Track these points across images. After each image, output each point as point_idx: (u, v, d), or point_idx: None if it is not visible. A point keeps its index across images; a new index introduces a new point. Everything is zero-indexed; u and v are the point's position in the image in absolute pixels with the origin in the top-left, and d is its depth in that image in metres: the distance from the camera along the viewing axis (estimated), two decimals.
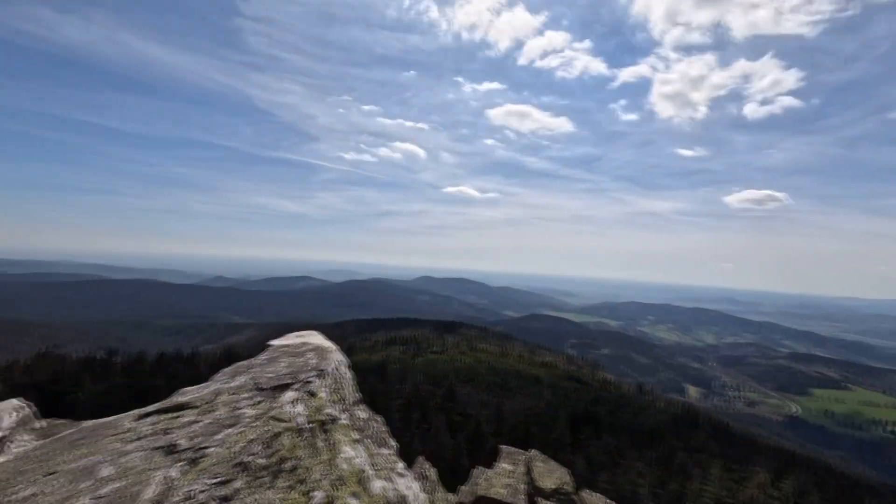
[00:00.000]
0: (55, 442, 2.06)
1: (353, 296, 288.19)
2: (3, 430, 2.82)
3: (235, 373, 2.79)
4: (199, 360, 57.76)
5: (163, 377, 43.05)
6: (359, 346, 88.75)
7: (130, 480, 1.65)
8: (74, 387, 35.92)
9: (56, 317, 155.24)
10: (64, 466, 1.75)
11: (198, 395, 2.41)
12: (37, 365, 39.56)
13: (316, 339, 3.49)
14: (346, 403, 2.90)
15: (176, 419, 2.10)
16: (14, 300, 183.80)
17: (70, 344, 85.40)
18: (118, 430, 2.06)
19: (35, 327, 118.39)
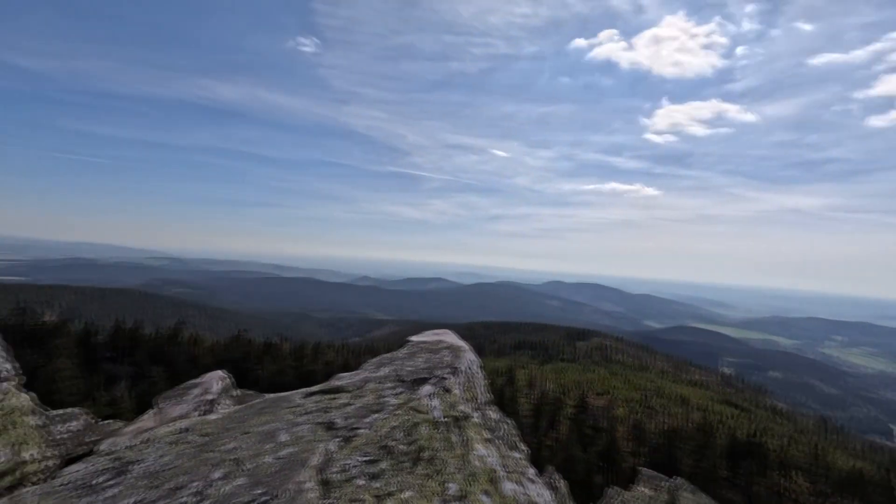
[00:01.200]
0: (248, 408, 2.53)
1: (482, 298, 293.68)
2: (213, 393, 3.52)
3: (380, 364, 3.08)
4: (348, 351, 65.05)
5: (320, 363, 49.53)
6: (487, 348, 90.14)
7: (300, 448, 1.93)
8: (257, 365, 43.57)
9: (244, 306, 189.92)
10: (254, 429, 2.12)
11: (350, 381, 2.72)
12: (232, 345, 48.81)
13: (450, 338, 3.67)
14: (477, 402, 2.98)
15: (334, 400, 2.40)
16: (216, 291, 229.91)
17: (254, 329, 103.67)
18: (291, 404, 2.43)
19: (230, 314, 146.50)
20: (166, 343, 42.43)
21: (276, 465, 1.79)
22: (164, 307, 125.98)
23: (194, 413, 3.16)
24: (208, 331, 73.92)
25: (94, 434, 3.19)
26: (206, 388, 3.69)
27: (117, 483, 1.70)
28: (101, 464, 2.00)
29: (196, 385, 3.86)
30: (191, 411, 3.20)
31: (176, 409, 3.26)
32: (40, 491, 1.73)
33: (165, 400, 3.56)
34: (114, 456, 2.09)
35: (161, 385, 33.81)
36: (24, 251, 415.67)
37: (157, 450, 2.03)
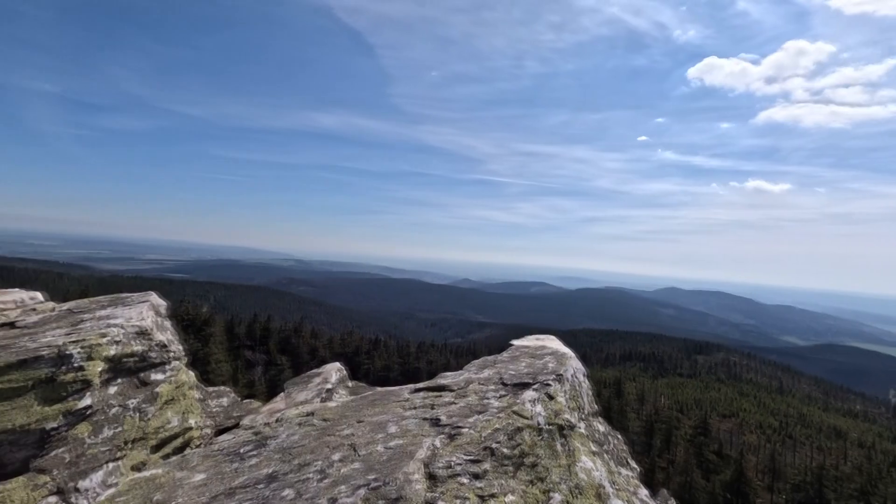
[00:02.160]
0: (361, 399, 2.74)
1: (587, 304, 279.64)
2: (331, 383, 3.85)
3: (483, 366, 3.11)
4: (449, 351, 66.57)
5: (424, 361, 51.45)
6: (592, 356, 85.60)
7: (408, 440, 2.03)
8: (367, 360, 46.73)
9: (357, 304, 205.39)
10: (367, 418, 2.27)
11: (454, 380, 2.79)
12: (345, 340, 52.97)
13: (554, 344, 3.57)
14: (583, 412, 2.85)
15: (438, 398, 2.47)
16: (333, 290, 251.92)
17: (364, 326, 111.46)
18: (400, 398, 2.57)
19: (344, 311, 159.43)
20: (292, 335, 47.64)
21: (386, 454, 1.90)
22: (290, 303, 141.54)
23: (316, 399, 3.48)
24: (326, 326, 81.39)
25: (238, 410, 3.67)
26: (326, 378, 4.05)
27: (258, 454, 1.95)
28: (244, 436, 2.31)
29: (317, 374, 4.25)
30: (313, 397, 3.54)
31: (301, 395, 3.63)
32: (202, 453, 2.07)
33: (292, 385, 3.97)
34: (254, 430, 2.41)
35: (287, 372, 38.11)
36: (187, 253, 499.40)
37: (287, 429, 2.28)
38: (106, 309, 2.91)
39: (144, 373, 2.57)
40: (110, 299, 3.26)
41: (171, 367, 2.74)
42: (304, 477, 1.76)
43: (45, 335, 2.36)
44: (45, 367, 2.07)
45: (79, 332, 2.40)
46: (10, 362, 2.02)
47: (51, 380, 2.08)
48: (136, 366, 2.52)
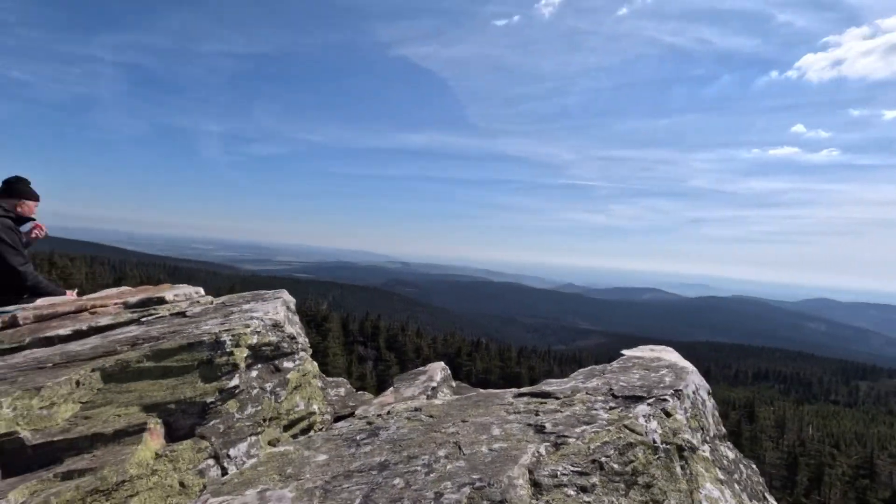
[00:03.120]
0: (465, 399, 2.79)
1: (710, 315, 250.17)
2: (436, 381, 3.98)
3: (590, 375, 2.96)
4: (551, 357, 64.60)
5: (525, 367, 50.64)
6: (718, 374, 76.36)
7: (511, 444, 2.01)
8: (468, 361, 47.41)
9: (458, 307, 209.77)
10: (471, 419, 2.30)
11: (559, 388, 2.70)
12: (447, 341, 54.37)
13: (671, 356, 3.27)
14: (707, 434, 2.56)
15: (543, 404, 2.42)
16: (435, 292, 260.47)
17: (465, 329, 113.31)
18: (503, 402, 2.57)
19: (446, 313, 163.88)
20: (398, 333, 50.32)
21: (490, 455, 1.91)
22: (397, 303, 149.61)
23: (422, 396, 3.63)
24: (429, 326, 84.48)
25: (353, 400, 3.97)
26: (431, 376, 4.20)
27: (371, 442, 2.09)
28: (359, 425, 2.50)
29: (423, 372, 4.43)
30: (419, 394, 3.69)
31: (408, 391, 3.80)
32: (324, 436, 2.28)
33: (400, 381, 4.19)
34: (367, 420, 2.60)
35: (394, 368, 40.39)
36: (311, 255, 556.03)
37: (396, 422, 2.42)
38: (249, 303, 3.38)
39: (277, 360, 2.91)
40: (252, 295, 3.77)
41: (298, 357, 3.07)
42: (412, 469, 1.85)
43: (205, 323, 2.81)
44: (205, 351, 2.46)
45: (229, 322, 2.81)
46: (181, 345, 2.43)
47: (209, 361, 2.46)
48: (271, 354, 2.87)
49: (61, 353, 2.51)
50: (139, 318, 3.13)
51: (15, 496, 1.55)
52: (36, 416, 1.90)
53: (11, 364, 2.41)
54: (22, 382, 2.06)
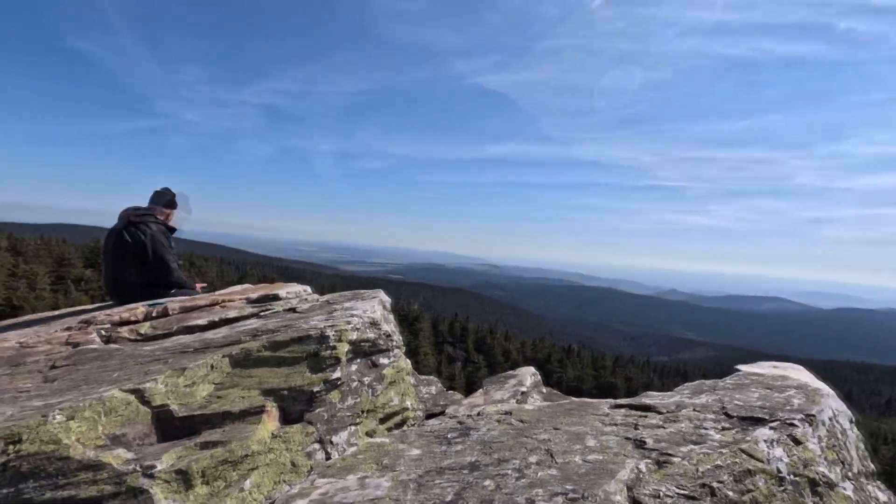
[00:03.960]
0: (557, 406, 2.71)
1: (851, 330, 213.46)
2: (526, 386, 3.92)
3: (699, 390, 2.70)
4: (651, 369, 60.00)
5: (620, 377, 47.69)
6: (863, 400, 64.87)
7: (608, 457, 1.91)
8: (559, 367, 45.88)
9: (549, 311, 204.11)
10: (563, 427, 2.23)
11: (661, 401, 2.50)
12: (537, 345, 53.15)
13: (799, 375, 2.85)
14: (849, 469, 2.19)
15: (643, 418, 2.26)
16: (525, 296, 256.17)
17: (556, 334, 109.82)
18: (598, 412, 2.44)
19: (536, 317, 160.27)
20: (487, 336, 50.37)
21: (585, 466, 1.83)
22: (486, 306, 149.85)
23: (511, 399, 3.59)
24: (518, 330, 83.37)
25: (444, 399, 4.06)
26: (520, 381, 4.14)
27: (461, 442, 2.12)
28: (450, 424, 2.55)
29: (512, 376, 4.38)
30: (509, 397, 3.66)
31: (497, 393, 3.79)
32: (417, 432, 2.37)
33: (490, 384, 4.18)
34: (457, 420, 2.64)
35: (483, 370, 40.50)
36: (403, 257, 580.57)
37: (486, 423, 2.42)
38: (349, 302, 3.63)
39: (375, 356, 3.09)
40: (352, 294, 4.05)
41: (393, 354, 3.23)
42: (502, 472, 1.85)
43: (312, 319, 3.07)
44: (313, 344, 2.69)
45: (333, 318, 3.04)
46: (293, 338, 2.69)
47: (316, 354, 2.68)
48: (369, 350, 3.05)
49: (199, 340, 2.93)
50: (258, 313, 3.53)
51: (167, 458, 1.84)
52: (181, 392, 2.23)
53: (164, 347, 2.86)
54: (171, 363, 2.44)
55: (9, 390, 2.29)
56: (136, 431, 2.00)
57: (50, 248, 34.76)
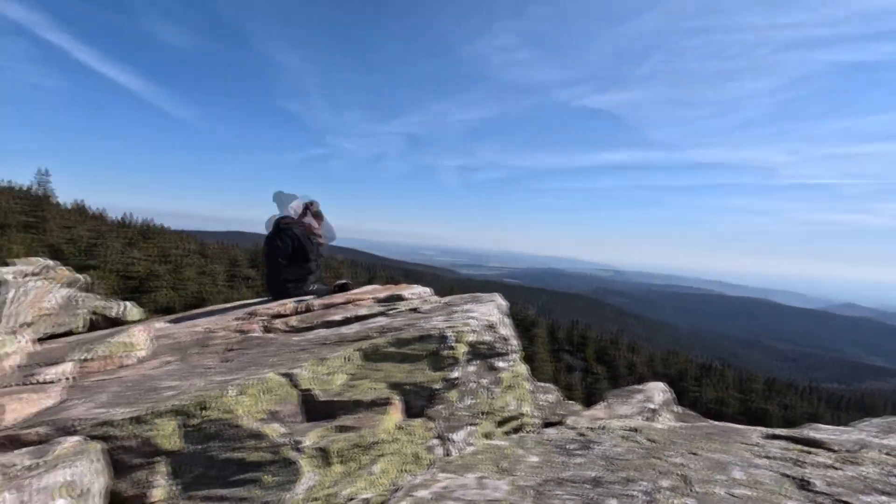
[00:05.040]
0: (693, 429, 2.42)
1: None
2: (655, 403, 3.59)
3: (889, 430, 2.19)
4: (819, 398, 50.15)
5: (775, 403, 40.76)
6: None
7: (760, 494, 1.66)
8: (695, 386, 40.96)
9: (682, 322, 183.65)
10: (702, 452, 1.99)
11: (835, 437, 2.08)
12: (668, 360, 48.21)
13: None
14: None
15: (808, 454, 1.91)
16: (653, 304, 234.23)
17: (691, 348, 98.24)
18: (747, 441, 2.13)
19: (667, 328, 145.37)
20: (609, 346, 47.23)
21: (730, 501, 1.62)
22: (607, 313, 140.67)
23: (637, 416, 3.32)
24: (645, 341, 76.56)
25: (562, 409, 3.91)
26: (648, 397, 3.81)
27: (583, 455, 2.03)
28: (570, 434, 2.45)
29: (638, 391, 4.05)
30: (634, 414, 3.39)
31: (622, 408, 3.53)
32: (535, 439, 2.33)
33: (613, 397, 3.92)
34: (578, 431, 2.52)
35: (603, 382, 38.05)
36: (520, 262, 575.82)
37: (610, 438, 2.27)
38: (468, 304, 3.72)
39: (492, 359, 3.11)
40: (470, 297, 4.14)
41: (510, 358, 3.22)
42: (628, 492, 1.71)
43: (433, 319, 3.22)
44: (433, 343, 2.82)
45: (452, 320, 3.15)
46: (416, 336, 2.85)
47: (436, 353, 2.80)
48: (486, 352, 3.09)
49: (336, 334, 3.27)
50: (385, 311, 3.82)
51: (311, 436, 2.09)
52: (322, 379, 2.52)
53: (308, 339, 3.26)
54: (315, 353, 2.78)
55: (199, 366, 2.83)
56: (288, 410, 2.31)
57: (226, 252, 42.15)
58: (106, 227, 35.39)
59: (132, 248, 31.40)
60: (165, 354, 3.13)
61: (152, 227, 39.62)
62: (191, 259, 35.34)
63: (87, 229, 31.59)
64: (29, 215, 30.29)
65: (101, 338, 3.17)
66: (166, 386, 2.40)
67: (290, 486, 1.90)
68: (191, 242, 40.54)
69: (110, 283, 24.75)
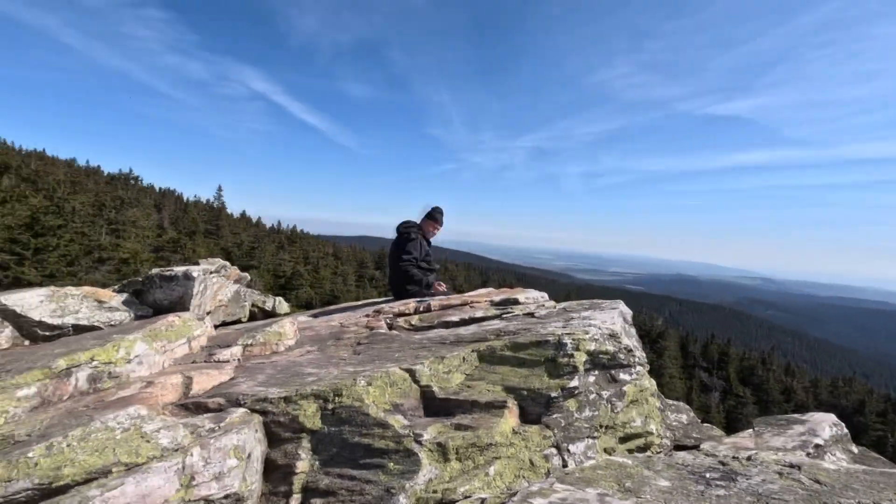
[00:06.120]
0: (880, 475, 1.97)
1: None
2: (821, 438, 3.02)
3: None
4: None
5: None
6: None
7: None
8: (880, 423, 33.24)
9: (859, 343, 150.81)
10: None
11: None
12: (839, 388, 40.00)
13: None
14: None
15: None
16: (817, 320, 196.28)
17: (872, 375, 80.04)
18: None
19: (836, 350, 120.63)
20: (757, 366, 40.80)
21: None
22: (754, 328, 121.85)
23: (798, 451, 2.83)
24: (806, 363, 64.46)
25: (697, 432, 3.51)
26: (812, 430, 3.22)
27: (726, 487, 1.79)
28: (707, 461, 2.18)
29: (798, 422, 3.46)
30: (794, 447, 2.90)
31: (776, 440, 3.05)
32: (665, 461, 2.12)
33: (764, 425, 3.41)
34: (718, 459, 2.23)
35: (750, 407, 32.95)
36: (644, 267, 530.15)
37: (761, 473, 1.97)
38: (587, 311, 3.55)
39: (614, 370, 2.92)
40: (589, 303, 3.94)
41: (635, 370, 2.98)
42: None
43: (550, 325, 3.14)
44: (550, 350, 2.74)
45: (570, 326, 3.03)
46: (532, 341, 2.81)
47: (553, 360, 2.72)
48: (607, 363, 2.91)
49: (454, 334, 3.38)
50: (500, 315, 3.83)
51: (431, 430, 2.19)
52: (440, 377, 2.62)
53: (428, 337, 3.43)
54: (434, 351, 2.91)
55: (334, 357, 3.16)
56: (409, 404, 2.45)
57: (356, 255, 46.46)
58: (262, 232, 41.61)
59: (282, 251, 36.40)
60: (307, 344, 3.56)
61: (297, 233, 45.50)
62: (326, 261, 39.70)
63: (248, 235, 37.47)
64: (209, 223, 37.11)
65: (259, 327, 3.74)
66: (308, 372, 2.73)
67: (412, 476, 2.01)
68: (327, 246, 45.57)
69: (265, 281, 29.05)
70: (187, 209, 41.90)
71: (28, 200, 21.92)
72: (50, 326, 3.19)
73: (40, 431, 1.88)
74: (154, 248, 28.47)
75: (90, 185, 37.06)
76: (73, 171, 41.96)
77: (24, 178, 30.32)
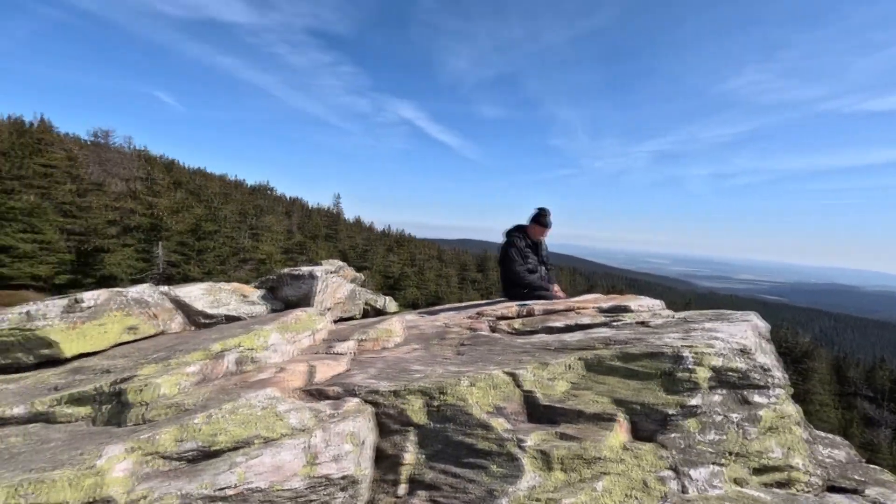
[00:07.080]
0: None
1: None
2: None
3: None
4: None
5: None
6: None
7: None
8: None
9: None
10: None
11: None
12: None
13: None
14: None
15: None
16: None
17: None
18: None
19: None
20: None
21: None
22: None
23: None
24: None
25: (858, 473, 2.97)
26: None
27: None
28: None
29: None
30: None
31: None
32: (814, 501, 1.81)
33: None
34: None
35: None
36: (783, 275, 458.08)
37: None
38: (711, 322, 3.18)
39: (746, 391, 2.58)
40: (714, 314, 3.53)
41: (773, 393, 2.60)
42: None
43: (666, 336, 2.88)
44: (666, 362, 2.52)
45: (690, 338, 2.75)
46: (645, 352, 2.60)
47: (670, 374, 2.50)
48: (738, 382, 2.58)
49: (558, 340, 3.27)
50: (609, 322, 3.61)
51: (534, 436, 2.15)
52: (544, 383, 2.56)
53: (531, 342, 3.37)
54: (537, 357, 2.85)
55: (438, 356, 3.27)
56: (512, 408, 2.43)
57: (458, 257, 47.54)
58: (374, 236, 44.73)
59: (390, 254, 38.75)
60: (413, 342, 3.74)
61: (404, 236, 48.07)
62: (431, 263, 41.25)
63: (362, 238, 40.53)
64: (329, 228, 41.01)
65: (371, 324, 4.02)
66: (415, 369, 2.86)
67: (514, 481, 1.99)
68: (431, 249, 47.34)
69: (376, 281, 31.19)
70: (311, 215, 47.04)
71: (193, 210, 26.46)
72: (208, 315, 3.81)
73: (202, 403, 2.25)
74: (284, 249, 32.36)
75: (237, 195, 43.50)
76: (225, 184, 49.60)
77: (190, 191, 36.64)
